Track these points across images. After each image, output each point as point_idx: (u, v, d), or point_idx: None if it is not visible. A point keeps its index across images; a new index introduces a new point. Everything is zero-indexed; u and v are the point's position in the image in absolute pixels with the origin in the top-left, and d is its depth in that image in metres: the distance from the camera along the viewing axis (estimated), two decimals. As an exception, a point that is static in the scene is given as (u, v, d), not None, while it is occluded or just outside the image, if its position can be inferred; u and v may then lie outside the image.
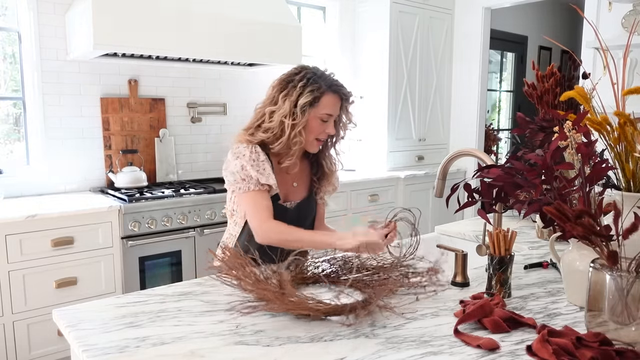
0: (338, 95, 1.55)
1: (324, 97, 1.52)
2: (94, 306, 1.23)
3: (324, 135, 1.58)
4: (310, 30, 4.08)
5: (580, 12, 1.68)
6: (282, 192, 1.61)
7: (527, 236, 1.94)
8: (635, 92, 1.15)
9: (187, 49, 2.84)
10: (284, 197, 1.61)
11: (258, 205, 1.50)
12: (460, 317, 1.11)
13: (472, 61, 4.36)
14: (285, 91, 1.53)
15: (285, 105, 1.51)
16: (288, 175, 1.64)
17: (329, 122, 1.56)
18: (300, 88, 1.51)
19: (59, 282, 2.48)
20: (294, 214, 1.61)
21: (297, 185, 1.66)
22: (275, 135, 1.53)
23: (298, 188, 1.66)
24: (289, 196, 1.64)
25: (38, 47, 2.83)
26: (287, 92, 1.52)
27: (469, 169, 4.40)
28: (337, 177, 1.74)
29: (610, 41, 2.87)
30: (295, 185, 1.65)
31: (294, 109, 1.51)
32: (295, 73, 1.55)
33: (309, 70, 1.56)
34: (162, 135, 3.30)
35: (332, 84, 1.54)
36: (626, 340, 0.99)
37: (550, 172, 1.14)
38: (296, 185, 1.66)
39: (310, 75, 1.53)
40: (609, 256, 0.99)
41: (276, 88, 1.56)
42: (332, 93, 1.53)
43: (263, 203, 1.51)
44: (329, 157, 1.69)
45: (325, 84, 1.53)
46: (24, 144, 2.94)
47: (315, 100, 1.51)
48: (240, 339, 1.04)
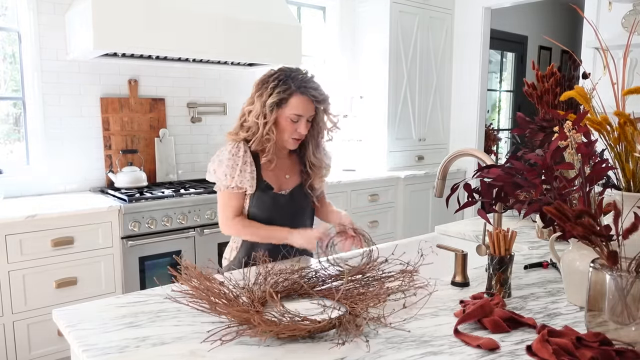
0: (307, 96, 1.60)
1: (292, 98, 1.59)
2: (94, 306, 1.23)
3: (297, 134, 1.63)
4: (310, 30, 4.08)
5: (580, 12, 1.68)
6: (277, 183, 1.70)
7: (527, 236, 1.94)
8: (635, 92, 1.15)
9: (187, 49, 2.84)
10: (278, 187, 1.70)
11: (225, 205, 1.66)
12: (460, 317, 1.11)
13: (472, 61, 4.36)
14: (259, 92, 1.63)
15: (257, 105, 1.62)
16: (277, 168, 1.71)
17: (300, 122, 1.61)
18: (271, 89, 1.60)
19: (59, 282, 2.48)
20: (288, 200, 1.70)
21: (289, 177, 1.74)
22: (253, 133, 1.64)
23: (290, 180, 1.74)
24: (283, 186, 1.72)
25: (38, 47, 2.83)
26: (261, 93, 1.62)
27: (469, 169, 4.40)
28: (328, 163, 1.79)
29: (610, 41, 2.87)
30: (288, 177, 1.74)
31: (263, 108, 1.60)
32: (271, 74, 1.64)
33: (284, 71, 1.63)
34: (162, 135, 3.30)
35: (301, 85, 1.59)
36: (626, 340, 0.99)
37: (550, 172, 1.14)
38: (288, 177, 1.74)
39: (283, 77, 1.60)
40: (609, 256, 0.99)
41: (254, 88, 1.67)
42: (300, 94, 1.59)
43: (230, 202, 1.65)
44: (312, 155, 1.73)
45: (295, 85, 1.59)
46: (24, 144, 2.94)
47: (283, 101, 1.59)
48: (240, 339, 1.04)
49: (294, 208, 1.72)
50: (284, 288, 1.24)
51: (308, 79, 1.63)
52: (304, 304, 1.19)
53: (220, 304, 1.07)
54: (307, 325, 1.01)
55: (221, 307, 1.06)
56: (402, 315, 1.14)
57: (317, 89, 1.62)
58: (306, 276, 1.30)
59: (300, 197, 1.74)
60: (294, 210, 1.72)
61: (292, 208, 1.71)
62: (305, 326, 1.00)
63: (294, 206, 1.72)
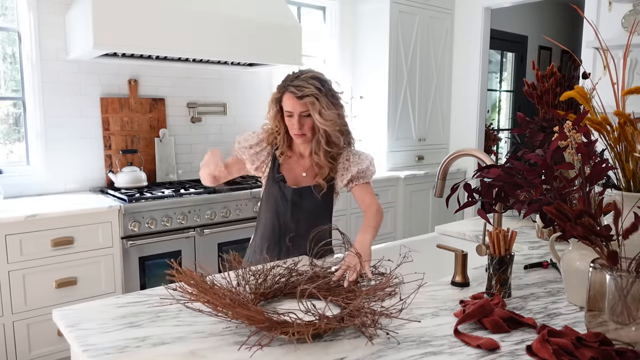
0: (289, 93, 1.65)
1: (284, 96, 1.68)
2: (94, 306, 1.23)
3: (294, 130, 1.69)
4: (310, 30, 4.08)
5: (580, 12, 1.68)
6: (292, 179, 1.78)
7: (527, 236, 1.94)
8: (635, 92, 1.15)
9: (187, 49, 2.84)
10: (293, 183, 1.78)
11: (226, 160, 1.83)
12: (460, 317, 1.11)
13: (472, 61, 4.36)
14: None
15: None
16: (299, 165, 1.80)
17: (293, 118, 1.67)
18: (275, 89, 1.72)
19: (59, 282, 2.48)
20: (296, 195, 1.76)
21: (306, 175, 1.79)
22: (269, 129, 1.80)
23: (307, 178, 1.79)
24: (299, 183, 1.79)
25: (38, 47, 2.83)
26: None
27: (469, 169, 4.40)
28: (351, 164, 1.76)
29: (610, 41, 2.87)
30: (304, 175, 1.79)
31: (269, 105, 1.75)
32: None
33: (293, 72, 1.71)
34: (162, 135, 3.30)
35: (288, 83, 1.66)
36: (626, 340, 0.99)
37: (550, 172, 1.14)
38: (305, 175, 1.79)
39: (286, 77, 1.70)
40: (609, 256, 0.99)
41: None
42: (286, 92, 1.67)
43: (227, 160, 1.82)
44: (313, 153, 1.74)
45: (285, 83, 1.67)
46: (24, 144, 2.94)
47: (279, 99, 1.70)
48: (240, 339, 1.04)
49: (299, 203, 1.75)
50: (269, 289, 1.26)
51: (295, 77, 1.67)
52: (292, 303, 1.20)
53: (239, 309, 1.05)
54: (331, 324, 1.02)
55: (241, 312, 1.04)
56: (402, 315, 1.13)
57: (299, 85, 1.63)
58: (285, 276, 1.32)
59: (311, 195, 1.75)
60: (299, 206, 1.75)
61: (297, 203, 1.75)
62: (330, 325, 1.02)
63: (300, 202, 1.75)
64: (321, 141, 1.70)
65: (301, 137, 1.70)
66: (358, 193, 1.78)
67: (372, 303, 1.13)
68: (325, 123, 1.65)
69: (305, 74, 1.67)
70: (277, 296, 1.29)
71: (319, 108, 1.63)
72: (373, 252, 1.55)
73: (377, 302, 1.14)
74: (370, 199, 1.76)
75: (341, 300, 1.17)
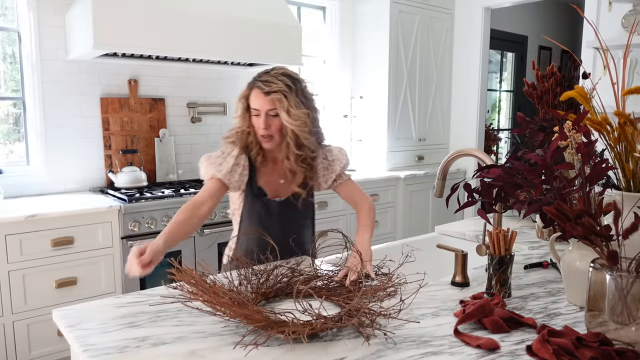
0: (256, 89, 1.55)
1: (251, 92, 1.57)
2: (94, 306, 1.23)
3: (261, 130, 1.56)
4: (310, 30, 4.08)
5: (580, 12, 1.68)
6: (271, 189, 1.66)
7: (527, 236, 1.94)
8: (635, 92, 1.15)
9: (187, 49, 2.84)
10: (273, 193, 1.66)
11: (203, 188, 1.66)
12: (460, 317, 1.11)
13: (472, 61, 4.36)
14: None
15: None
16: (275, 172, 1.67)
17: (259, 116, 1.55)
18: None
19: (59, 282, 2.48)
20: (281, 207, 1.66)
21: (284, 182, 1.68)
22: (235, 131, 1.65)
23: (285, 185, 1.68)
24: (278, 192, 1.67)
25: (38, 47, 2.83)
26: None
27: (469, 169, 4.40)
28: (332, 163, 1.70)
29: (610, 41, 2.87)
30: (282, 182, 1.68)
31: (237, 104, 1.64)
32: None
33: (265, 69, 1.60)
34: (162, 135, 3.30)
35: (256, 79, 1.56)
36: (626, 340, 0.99)
37: (550, 172, 1.14)
38: (282, 182, 1.68)
39: (257, 74, 1.58)
40: (609, 256, 0.99)
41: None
42: (254, 88, 1.56)
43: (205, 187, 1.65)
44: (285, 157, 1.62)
45: (254, 79, 1.57)
46: (24, 144, 2.94)
47: (246, 96, 1.58)
48: (238, 339, 1.04)
49: (286, 216, 1.65)
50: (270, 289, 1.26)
51: (263, 73, 1.56)
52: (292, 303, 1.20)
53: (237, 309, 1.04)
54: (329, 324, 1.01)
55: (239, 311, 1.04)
56: (402, 316, 1.13)
57: (267, 80, 1.53)
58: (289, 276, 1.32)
59: (290, 207, 1.65)
60: (286, 218, 1.65)
61: (284, 216, 1.64)
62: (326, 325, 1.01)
63: (287, 214, 1.65)
64: (290, 143, 1.56)
65: (268, 140, 1.57)
66: (345, 190, 1.72)
67: (372, 303, 1.13)
68: (292, 122, 1.51)
69: (276, 70, 1.57)
70: (278, 296, 1.29)
71: (286, 106, 1.51)
72: (374, 252, 1.55)
73: (376, 302, 1.14)
74: (359, 196, 1.71)
75: (341, 300, 1.18)
